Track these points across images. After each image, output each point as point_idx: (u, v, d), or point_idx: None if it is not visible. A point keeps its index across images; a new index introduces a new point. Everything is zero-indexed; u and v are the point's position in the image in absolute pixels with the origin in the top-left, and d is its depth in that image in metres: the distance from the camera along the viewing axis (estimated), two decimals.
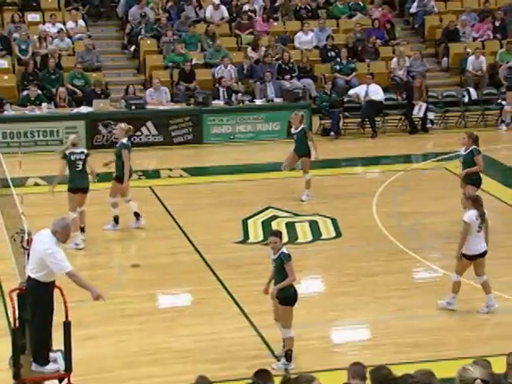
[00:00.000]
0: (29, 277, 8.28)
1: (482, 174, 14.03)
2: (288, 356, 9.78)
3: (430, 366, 9.39)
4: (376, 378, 6.24)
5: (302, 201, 15.48)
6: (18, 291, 8.51)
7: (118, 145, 14.14)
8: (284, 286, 9.62)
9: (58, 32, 21.78)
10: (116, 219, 14.22)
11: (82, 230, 13.52)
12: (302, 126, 15.52)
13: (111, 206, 14.21)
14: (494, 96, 21.66)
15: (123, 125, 14.35)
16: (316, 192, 16.20)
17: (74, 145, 13.41)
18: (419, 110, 19.49)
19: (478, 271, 11.16)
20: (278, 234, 9.88)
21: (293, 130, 15.71)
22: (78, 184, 13.28)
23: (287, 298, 9.69)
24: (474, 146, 13.60)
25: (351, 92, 20.97)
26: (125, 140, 14.07)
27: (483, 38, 23.73)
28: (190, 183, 17.13)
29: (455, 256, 11.12)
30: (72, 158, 13.27)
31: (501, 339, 10.47)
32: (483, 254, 11.08)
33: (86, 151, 13.58)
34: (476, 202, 11.02)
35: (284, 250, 9.68)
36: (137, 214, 14.29)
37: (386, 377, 6.21)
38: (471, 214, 10.95)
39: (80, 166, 13.29)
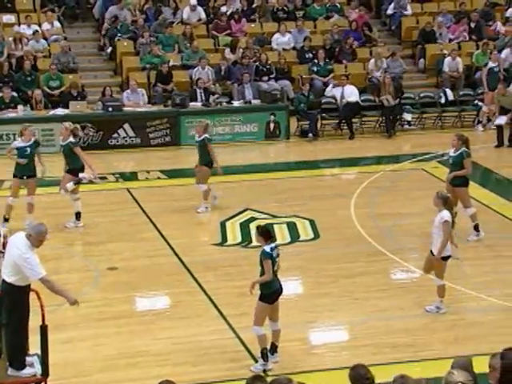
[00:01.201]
0: (4, 280, 8.20)
1: None
2: (263, 355, 9.75)
3: (408, 366, 9.49)
4: (353, 376, 6.27)
5: (198, 212, 14.98)
6: None
7: (65, 144, 14.13)
8: (258, 283, 9.73)
9: (34, 33, 21.65)
10: (78, 215, 14.20)
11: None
12: (205, 135, 14.99)
13: (65, 191, 14.22)
14: (470, 97, 21.81)
15: (68, 124, 14.44)
16: (294, 193, 16.24)
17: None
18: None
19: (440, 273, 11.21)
20: (259, 230, 9.86)
21: (196, 138, 15.28)
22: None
23: (263, 294, 9.77)
24: (464, 149, 13.53)
25: (328, 90, 21.04)
26: (72, 138, 14.11)
27: (459, 39, 23.88)
28: (168, 185, 17.10)
29: (435, 258, 11.08)
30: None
31: (478, 339, 10.54)
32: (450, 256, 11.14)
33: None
34: (447, 203, 11.08)
35: (266, 247, 9.68)
36: (78, 215, 14.22)
37: (363, 376, 6.23)
38: (449, 214, 10.99)
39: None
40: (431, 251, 11.19)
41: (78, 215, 14.25)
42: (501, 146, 19.56)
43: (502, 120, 19.47)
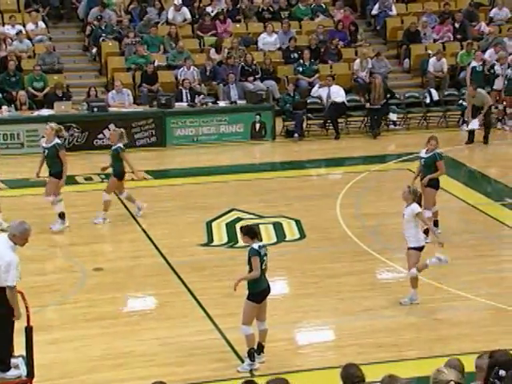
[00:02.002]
0: None
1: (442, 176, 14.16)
2: (250, 355, 9.79)
3: (393, 366, 9.54)
4: (344, 375, 6.29)
5: (95, 223, 14.58)
6: None
7: (50, 146, 14.00)
8: (245, 279, 9.79)
9: (17, 34, 21.58)
10: (62, 215, 14.15)
11: None
12: (119, 144, 14.56)
13: (52, 204, 14.13)
14: (455, 97, 21.90)
15: (53, 124, 14.37)
16: (280, 194, 16.27)
17: None
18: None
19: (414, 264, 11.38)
20: (243, 230, 9.97)
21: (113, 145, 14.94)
22: None
23: (251, 293, 9.81)
24: (436, 150, 13.65)
25: (314, 90, 21.10)
26: (58, 140, 14.06)
27: (443, 39, 23.98)
28: (154, 186, 17.08)
29: (434, 241, 11.51)
30: None
31: (462, 338, 10.60)
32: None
33: None
34: (417, 197, 11.45)
35: (254, 245, 9.75)
36: (62, 215, 14.19)
37: (353, 374, 6.25)
38: (418, 206, 11.33)
39: None
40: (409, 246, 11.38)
41: (62, 215, 14.19)
42: (471, 143, 19.72)
43: (474, 125, 19.59)
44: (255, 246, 9.76)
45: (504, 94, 21.27)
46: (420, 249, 11.32)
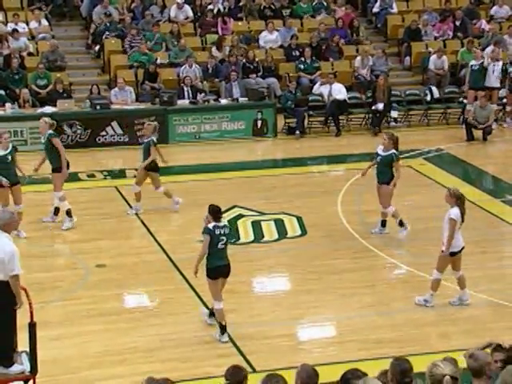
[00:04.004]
0: None
1: (441, 171, 14.11)
2: (220, 328, 10.26)
3: None
4: (393, 372, 6.13)
5: (128, 214, 14.82)
6: None
7: (44, 138, 14.02)
8: (197, 260, 10.28)
9: (23, 30, 21.56)
10: (68, 212, 14.15)
11: None
12: (152, 137, 14.82)
13: (59, 200, 14.12)
14: (455, 94, 21.88)
15: (47, 119, 14.37)
16: (281, 190, 16.27)
17: None
18: None
19: (455, 267, 11.27)
20: (209, 208, 10.35)
21: (144, 139, 15.19)
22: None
23: (207, 270, 10.26)
24: (393, 151, 13.48)
25: (316, 87, 21.08)
26: (50, 131, 14.04)
27: (444, 37, 23.96)
28: None
29: (441, 254, 11.11)
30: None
31: (463, 334, 10.60)
32: (462, 250, 11.20)
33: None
34: (459, 200, 11.11)
35: (209, 224, 10.21)
36: (69, 213, 14.17)
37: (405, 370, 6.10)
38: (457, 212, 11.02)
39: None
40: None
41: (68, 213, 14.20)
42: (471, 141, 19.70)
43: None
44: (210, 225, 10.21)
45: (507, 91, 21.16)
46: (451, 254, 11.15)
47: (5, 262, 8.03)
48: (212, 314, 10.61)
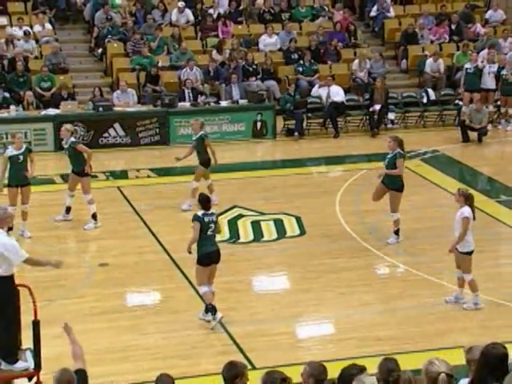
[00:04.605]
0: None
1: (437, 172, 14.06)
2: (210, 310, 10.58)
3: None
4: (380, 371, 6.15)
5: (184, 210, 14.91)
6: None
7: (67, 144, 14.14)
8: (189, 243, 10.69)
9: (25, 34, 21.57)
10: (94, 216, 14.25)
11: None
12: (201, 132, 15.11)
13: (88, 203, 14.20)
14: (451, 96, 21.88)
15: (69, 126, 14.49)
16: (281, 191, 16.26)
17: None
18: None
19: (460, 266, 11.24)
20: (199, 198, 10.81)
21: (193, 137, 15.42)
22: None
23: (198, 257, 10.61)
24: (398, 150, 13.38)
25: (314, 90, 21.07)
26: (73, 138, 14.18)
27: (440, 40, 23.96)
28: (157, 183, 17.08)
29: (449, 250, 11.10)
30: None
31: (460, 332, 10.60)
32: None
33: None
34: (468, 200, 11.07)
35: (199, 212, 10.62)
36: (94, 216, 14.27)
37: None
38: (469, 210, 10.97)
39: None
40: (457, 248, 11.15)
41: (94, 216, 14.25)
42: (467, 142, 19.69)
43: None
44: (199, 212, 10.58)
45: (500, 93, 21.20)
46: (470, 253, 11.12)
47: (4, 255, 7.96)
48: (207, 310, 10.65)
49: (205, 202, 10.71)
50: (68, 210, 14.42)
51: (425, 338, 10.44)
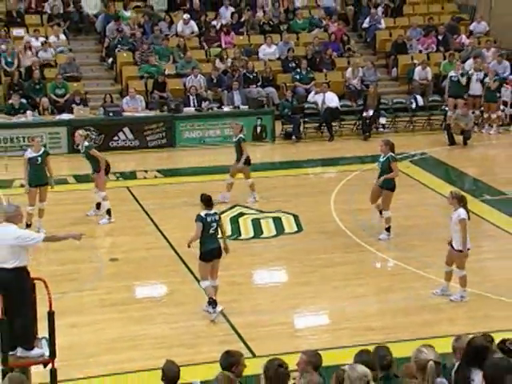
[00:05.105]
0: (5, 270, 7.91)
1: (425, 173, 14.06)
2: (211, 303, 10.54)
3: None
4: (374, 357, 6.16)
5: (256, 201, 15.18)
6: None
7: (83, 149, 14.23)
8: (190, 239, 10.64)
9: (43, 44, 21.58)
10: (108, 211, 14.28)
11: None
12: (240, 135, 15.22)
13: (102, 199, 14.22)
14: (438, 103, 21.85)
15: (81, 131, 14.54)
16: (279, 191, 16.24)
17: None
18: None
19: (450, 261, 11.22)
20: (202, 197, 10.68)
21: (233, 139, 15.62)
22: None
23: (201, 254, 10.58)
24: (390, 153, 13.35)
25: (311, 96, 21.05)
26: (86, 143, 14.21)
27: (428, 50, 23.95)
28: (164, 183, 17.06)
29: (463, 254, 10.96)
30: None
31: (445, 322, 10.59)
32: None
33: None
34: (462, 201, 10.98)
35: (201, 212, 10.56)
36: (99, 205, 14.37)
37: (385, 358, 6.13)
38: (464, 212, 10.88)
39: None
40: (452, 245, 11.11)
41: (109, 212, 14.33)
42: (453, 145, 19.66)
43: None
44: (202, 213, 10.53)
45: (483, 100, 21.20)
46: (461, 251, 11.01)
47: (19, 247, 7.90)
48: (210, 302, 10.61)
49: (207, 201, 10.67)
50: (98, 205, 14.51)
51: (414, 327, 10.42)
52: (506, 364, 5.36)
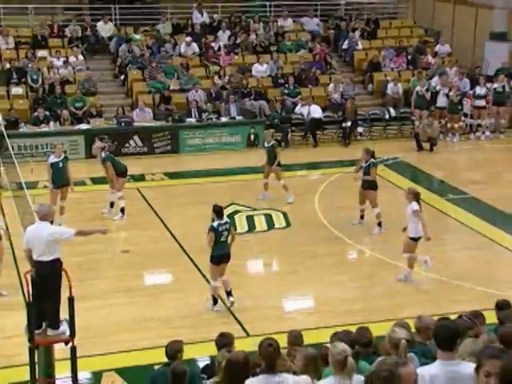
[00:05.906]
0: (45, 262, 7.91)
1: (397, 175, 14.06)
2: (214, 300, 10.44)
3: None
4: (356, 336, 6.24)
5: (288, 203, 15.10)
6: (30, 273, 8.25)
7: (100, 160, 14.23)
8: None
9: (64, 63, 21.56)
10: (122, 209, 14.24)
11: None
12: (273, 141, 15.50)
13: (118, 198, 14.27)
14: (408, 114, 21.86)
15: (98, 144, 14.59)
16: (270, 191, 16.21)
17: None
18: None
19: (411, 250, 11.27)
20: (214, 208, 10.37)
21: (265, 144, 15.69)
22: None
23: (212, 257, 10.34)
24: (371, 160, 13.46)
25: (297, 108, 21.05)
26: (103, 154, 14.17)
27: (399, 68, 23.97)
28: (170, 185, 17.02)
29: (428, 238, 11.09)
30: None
31: (415, 305, 10.59)
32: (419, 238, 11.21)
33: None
34: (416, 196, 11.14)
35: (214, 223, 10.25)
36: (123, 210, 14.27)
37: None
38: (417, 205, 11.04)
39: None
40: (408, 236, 11.20)
41: (122, 210, 14.25)
42: (420, 151, 19.68)
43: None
44: (214, 224, 10.26)
45: (447, 111, 21.26)
46: (416, 239, 11.15)
47: (55, 241, 7.89)
48: (214, 300, 10.53)
49: (218, 211, 10.38)
50: (112, 204, 14.41)
51: (387, 310, 10.43)
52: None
